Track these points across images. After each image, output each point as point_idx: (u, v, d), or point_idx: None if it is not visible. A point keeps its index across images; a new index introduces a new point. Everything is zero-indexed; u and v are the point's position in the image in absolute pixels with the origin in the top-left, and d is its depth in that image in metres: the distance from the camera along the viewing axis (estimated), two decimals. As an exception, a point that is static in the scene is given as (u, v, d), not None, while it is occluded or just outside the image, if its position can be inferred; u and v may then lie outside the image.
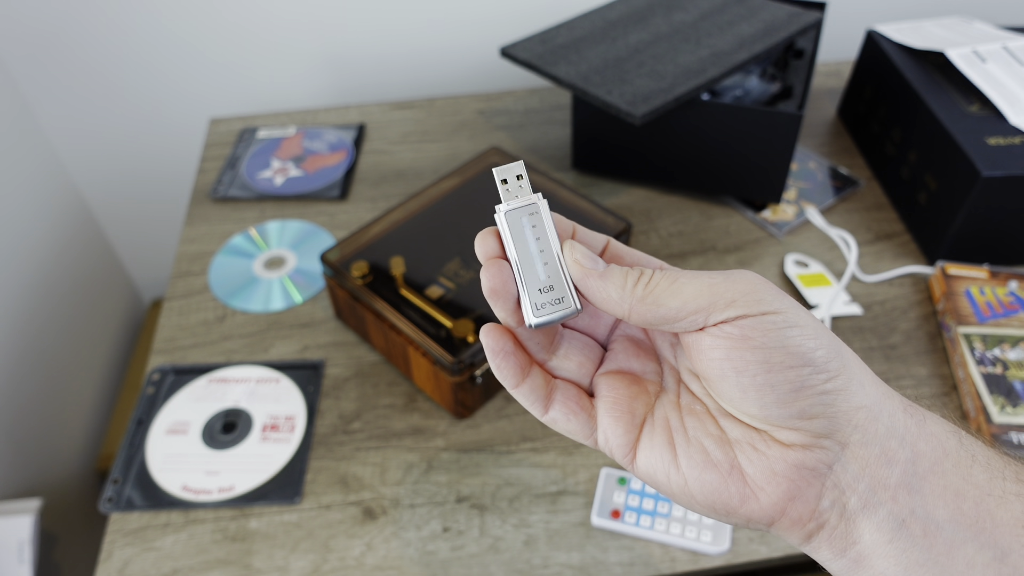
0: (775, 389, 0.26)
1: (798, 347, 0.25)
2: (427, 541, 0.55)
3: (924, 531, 0.25)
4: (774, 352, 0.25)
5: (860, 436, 0.26)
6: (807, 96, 0.76)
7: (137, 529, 0.57)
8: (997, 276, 0.69)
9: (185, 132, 1.07)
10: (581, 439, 0.30)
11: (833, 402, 0.26)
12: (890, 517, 0.26)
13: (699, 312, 0.26)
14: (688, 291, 0.27)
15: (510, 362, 0.29)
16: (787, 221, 0.79)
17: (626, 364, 0.30)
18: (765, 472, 0.26)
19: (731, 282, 0.27)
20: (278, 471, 0.59)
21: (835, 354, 0.26)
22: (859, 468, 0.26)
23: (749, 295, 0.26)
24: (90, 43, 0.97)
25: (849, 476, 0.26)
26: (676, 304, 0.27)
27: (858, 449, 0.26)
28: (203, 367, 0.67)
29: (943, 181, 0.71)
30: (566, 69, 0.74)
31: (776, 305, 0.26)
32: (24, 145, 1.00)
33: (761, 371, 0.26)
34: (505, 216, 0.29)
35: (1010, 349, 0.63)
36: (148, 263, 1.25)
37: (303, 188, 0.84)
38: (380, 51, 1.03)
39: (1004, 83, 0.74)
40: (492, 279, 0.28)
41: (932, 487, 0.26)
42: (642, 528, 0.54)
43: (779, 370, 0.25)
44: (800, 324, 0.26)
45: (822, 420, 0.26)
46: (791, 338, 0.26)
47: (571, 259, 0.28)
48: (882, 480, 0.26)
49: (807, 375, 0.25)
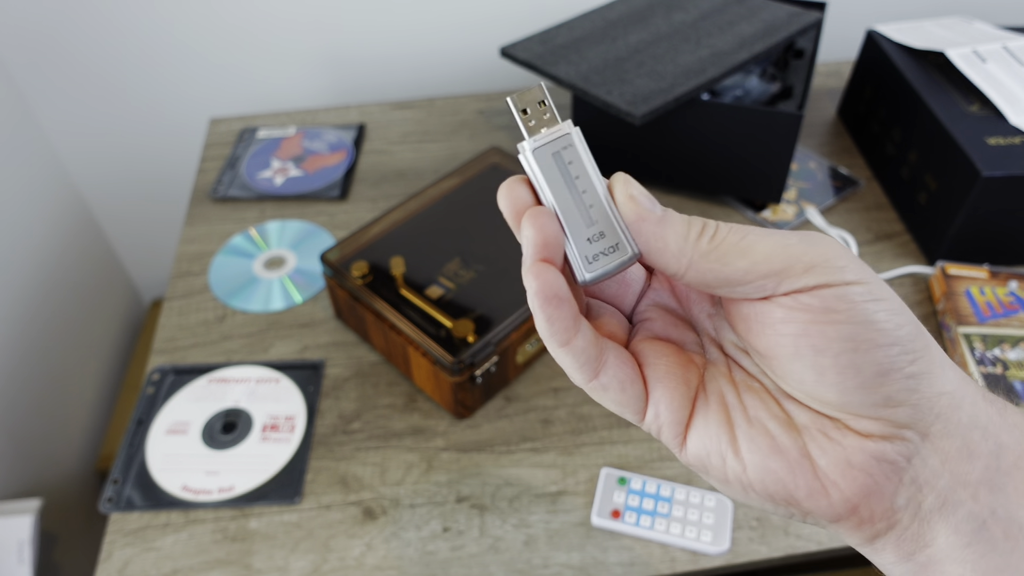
0: (860, 371, 0.22)
1: (886, 323, 0.22)
2: (427, 541, 0.55)
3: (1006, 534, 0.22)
4: (861, 328, 0.22)
5: (942, 426, 0.23)
6: (807, 96, 0.76)
7: (137, 529, 0.56)
8: (997, 276, 0.69)
9: (185, 132, 1.07)
10: (630, 414, 0.25)
11: (917, 387, 0.22)
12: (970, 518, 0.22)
13: (771, 276, 0.22)
14: (760, 250, 0.23)
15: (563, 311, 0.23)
16: (787, 221, 0.79)
17: (663, 333, 0.26)
18: (840, 464, 0.22)
19: (809, 244, 0.23)
20: (278, 471, 0.59)
21: (918, 331, 0.22)
22: (939, 462, 0.23)
23: (830, 261, 0.22)
24: (90, 43, 0.97)
25: (928, 471, 0.23)
26: (744, 264, 0.22)
27: (939, 441, 0.23)
28: (203, 367, 0.67)
29: (943, 181, 0.71)
30: (566, 69, 0.74)
31: (861, 275, 0.22)
32: (24, 145, 1.00)
33: (846, 350, 0.22)
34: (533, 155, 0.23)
35: (1010, 349, 0.63)
36: (148, 263, 1.25)
37: (303, 188, 0.84)
38: (380, 51, 1.03)
39: (1004, 83, 0.74)
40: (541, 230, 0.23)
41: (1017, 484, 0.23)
42: (642, 528, 0.54)
43: (866, 349, 0.22)
44: (886, 297, 0.22)
45: (906, 408, 0.22)
46: (879, 312, 0.22)
47: (625, 196, 0.24)
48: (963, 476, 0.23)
49: (895, 355, 0.22)
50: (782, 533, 0.55)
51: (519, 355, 0.63)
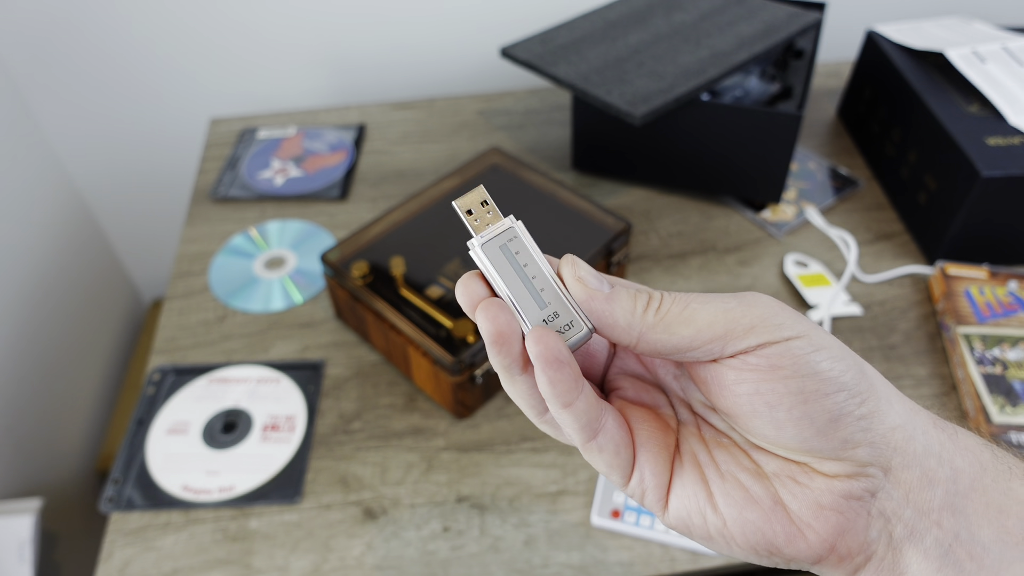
0: (814, 421, 0.23)
1: (829, 372, 0.23)
2: (427, 541, 0.55)
3: (970, 555, 0.24)
4: (807, 380, 0.23)
5: (900, 459, 0.24)
6: (807, 96, 0.76)
7: (137, 529, 0.57)
8: (997, 276, 0.69)
9: (185, 132, 1.07)
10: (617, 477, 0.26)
11: (870, 426, 0.24)
12: (936, 544, 0.24)
13: (715, 340, 0.24)
14: (702, 317, 0.24)
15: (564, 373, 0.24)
16: (787, 221, 0.79)
17: (636, 398, 0.28)
18: (811, 506, 0.24)
19: (747, 306, 0.24)
20: (278, 471, 0.59)
21: (860, 374, 0.24)
22: (903, 494, 0.24)
23: (768, 320, 0.24)
24: (90, 43, 0.97)
25: (894, 503, 0.24)
26: (690, 332, 0.24)
27: (900, 473, 0.24)
28: (203, 367, 0.67)
29: (943, 181, 0.71)
30: (566, 69, 0.74)
31: (799, 328, 0.24)
32: (24, 146, 1.00)
33: (797, 403, 0.23)
34: (482, 249, 0.25)
35: (1009, 349, 0.63)
36: (148, 263, 1.25)
37: (303, 188, 0.84)
38: (380, 51, 1.03)
39: (1004, 83, 0.74)
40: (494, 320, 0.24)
41: (975, 506, 0.24)
42: (642, 528, 0.54)
43: (815, 399, 0.23)
44: (825, 346, 0.24)
45: (864, 447, 0.24)
46: (821, 363, 0.23)
47: (573, 278, 0.25)
48: (925, 504, 0.24)
49: (843, 401, 0.23)
50: (782, 533, 0.55)
51: (519, 355, 0.63)
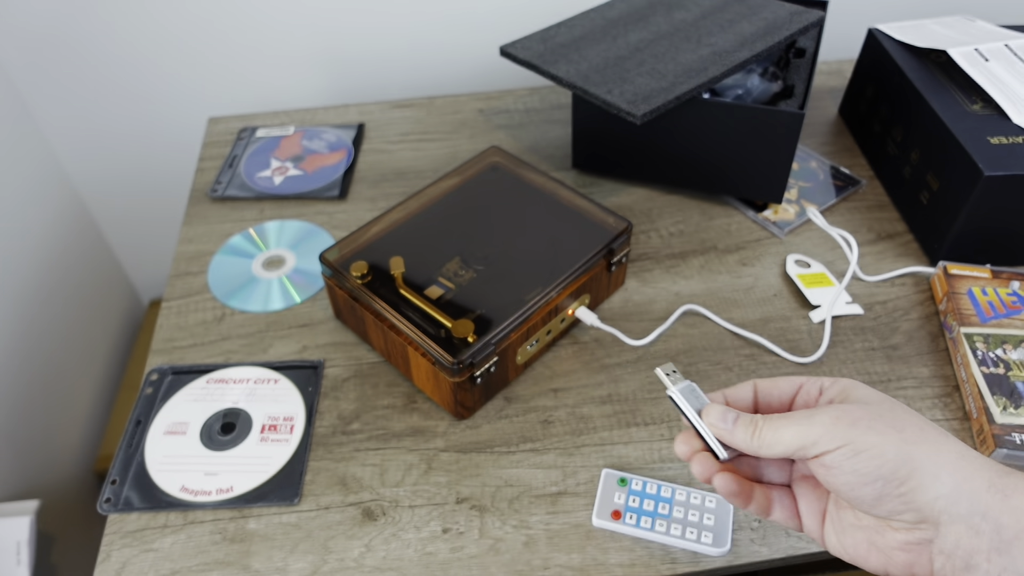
0: (863, 501, 0.36)
1: (865, 468, 0.35)
2: (427, 542, 0.55)
3: None
4: (850, 476, 0.35)
5: (947, 517, 0.34)
6: (808, 95, 0.76)
7: (135, 530, 0.56)
8: (999, 276, 0.69)
9: (183, 131, 1.07)
10: (791, 527, 0.42)
11: (912, 500, 0.34)
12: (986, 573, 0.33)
13: (798, 451, 0.37)
14: (786, 436, 0.37)
15: (740, 499, 0.41)
16: (788, 221, 0.79)
17: (808, 472, 0.41)
18: (890, 546, 0.36)
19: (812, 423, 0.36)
20: (277, 472, 0.59)
21: (903, 463, 0.34)
22: (955, 539, 0.34)
23: (826, 434, 0.36)
24: (88, 42, 0.97)
25: (949, 545, 0.34)
26: (781, 448, 0.37)
27: (949, 526, 0.34)
28: (202, 367, 0.67)
29: (945, 180, 0.71)
30: (566, 68, 0.74)
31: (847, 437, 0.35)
32: (22, 145, 1.00)
33: (847, 489, 0.36)
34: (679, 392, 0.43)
35: (1012, 350, 0.63)
36: (146, 263, 1.24)
37: (302, 188, 0.84)
38: (380, 50, 1.03)
39: (1007, 82, 0.74)
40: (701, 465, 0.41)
41: (1019, 550, 0.33)
42: (642, 529, 0.54)
43: (859, 487, 0.35)
44: (866, 449, 0.35)
45: (910, 512, 0.35)
46: (861, 464, 0.35)
47: (708, 423, 0.41)
48: (975, 547, 0.33)
49: (881, 487, 0.35)
50: (783, 534, 0.54)
51: (519, 355, 0.63)
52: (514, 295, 0.62)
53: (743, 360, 0.66)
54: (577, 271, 0.64)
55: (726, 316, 0.70)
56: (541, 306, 0.62)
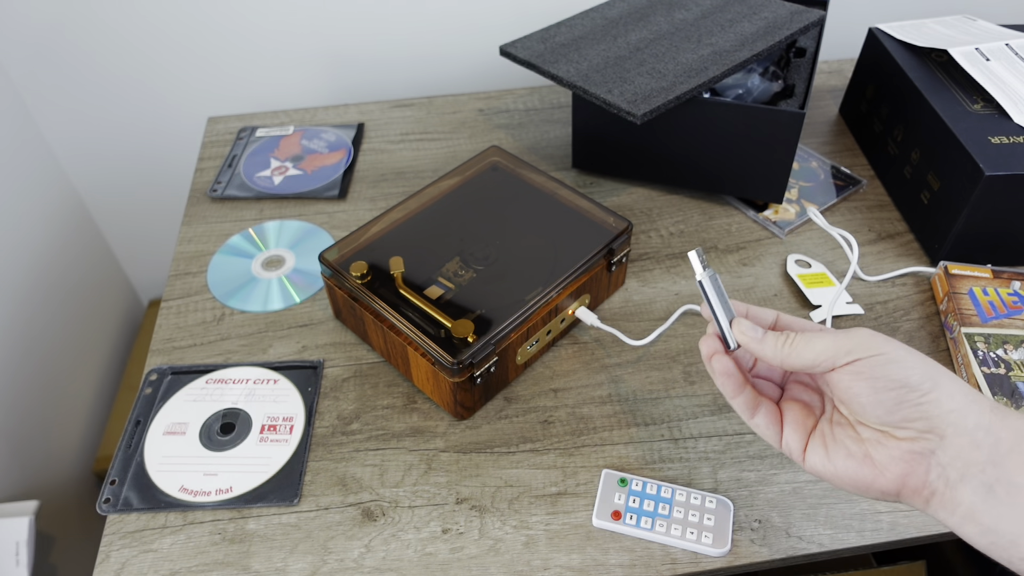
0: (883, 404, 0.39)
1: (895, 375, 0.38)
2: (426, 543, 0.55)
3: (1007, 492, 0.36)
4: (879, 380, 0.39)
5: (953, 430, 0.38)
6: (809, 95, 0.76)
7: (135, 531, 0.56)
8: (1000, 276, 0.69)
9: (183, 131, 1.07)
10: (771, 440, 0.44)
11: (928, 410, 0.38)
12: (981, 484, 0.37)
13: (828, 359, 0.40)
14: (819, 345, 0.40)
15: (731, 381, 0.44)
16: (789, 221, 0.78)
17: (799, 395, 0.46)
18: (888, 457, 0.39)
19: (849, 337, 0.40)
20: (276, 472, 0.59)
21: (927, 377, 0.38)
22: (955, 451, 0.37)
23: (862, 345, 0.39)
24: (87, 42, 0.97)
25: (948, 456, 0.38)
26: (811, 356, 0.41)
27: (953, 438, 0.38)
28: (201, 368, 0.66)
29: (946, 180, 0.70)
30: (566, 68, 0.74)
31: (882, 348, 0.39)
32: (22, 145, 1.00)
33: (869, 394, 0.39)
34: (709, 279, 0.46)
35: (1013, 350, 0.63)
36: (146, 263, 1.24)
37: (302, 187, 0.84)
38: (379, 50, 1.03)
39: (1008, 81, 0.74)
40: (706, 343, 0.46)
41: (1012, 462, 0.37)
42: (642, 529, 0.54)
43: (883, 391, 0.39)
44: (898, 360, 0.39)
45: (922, 421, 0.38)
46: (891, 370, 0.39)
47: (738, 332, 0.44)
48: (973, 458, 0.37)
49: (903, 394, 0.38)
50: (783, 535, 0.54)
51: (519, 355, 0.63)
52: (514, 295, 0.61)
53: (743, 360, 0.66)
54: (577, 271, 0.64)
55: (726, 316, 0.69)
56: (541, 306, 0.62)
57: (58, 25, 0.94)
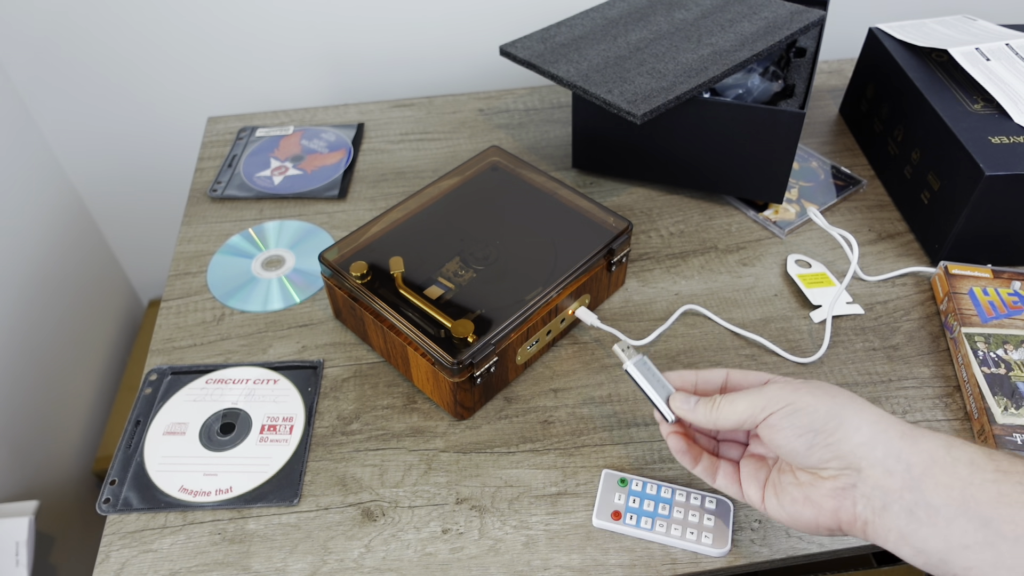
0: (799, 451, 0.42)
1: (801, 422, 0.42)
2: (426, 543, 0.55)
3: (927, 514, 0.38)
4: (789, 430, 0.43)
5: (866, 462, 0.40)
6: (809, 95, 0.76)
7: (134, 531, 0.56)
8: (1000, 276, 0.69)
9: (183, 131, 1.07)
10: (735, 496, 0.48)
11: (838, 448, 0.41)
12: (902, 510, 0.39)
13: (749, 417, 0.44)
14: (740, 406, 0.45)
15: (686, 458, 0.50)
16: (789, 221, 0.78)
17: (755, 448, 0.50)
18: (820, 496, 0.42)
19: (762, 394, 0.44)
20: (276, 472, 0.59)
21: (832, 416, 0.42)
22: (873, 482, 0.40)
23: (773, 399, 0.43)
24: (87, 42, 0.97)
25: (868, 488, 0.40)
26: (735, 417, 0.45)
27: (868, 470, 0.40)
28: (201, 368, 0.66)
29: (946, 180, 0.70)
30: (566, 68, 0.74)
31: (789, 399, 0.43)
32: (21, 145, 1.00)
33: (786, 442, 0.43)
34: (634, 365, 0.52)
35: (1014, 350, 0.63)
36: (146, 263, 1.24)
37: (302, 187, 0.84)
38: (379, 49, 1.03)
39: (1008, 81, 0.74)
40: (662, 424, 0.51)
41: (926, 485, 0.38)
42: (642, 529, 0.54)
43: (795, 439, 0.42)
44: (803, 407, 0.42)
45: (836, 460, 0.41)
46: (797, 419, 0.42)
47: (673, 407, 0.49)
48: (889, 486, 0.39)
49: (812, 438, 0.42)
50: (784, 535, 0.54)
51: (519, 355, 0.63)
52: (514, 295, 0.61)
53: (743, 360, 0.66)
54: (577, 271, 0.64)
55: (726, 316, 0.69)
56: (541, 306, 0.61)
57: (58, 25, 0.94)
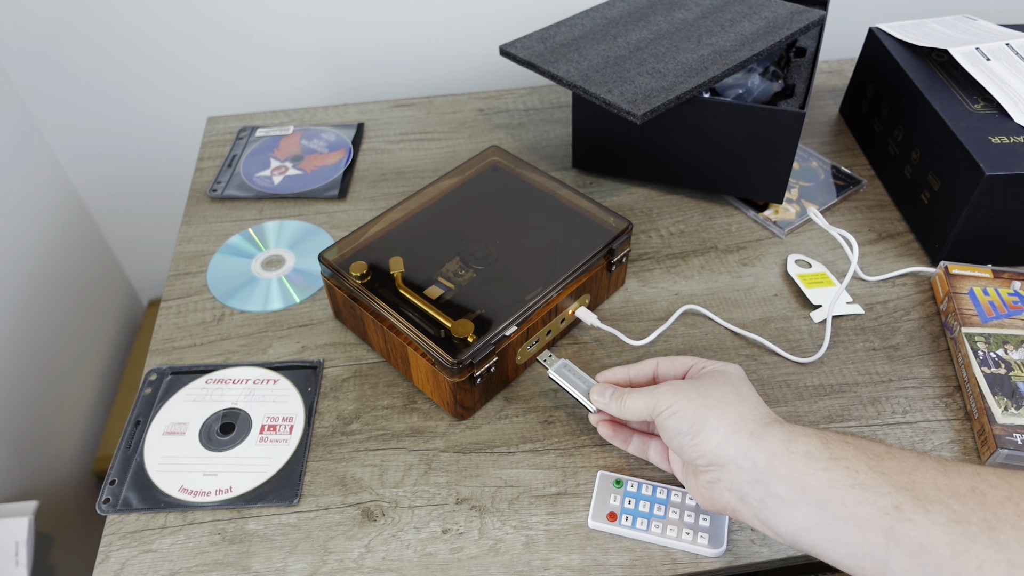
0: (680, 448, 0.48)
1: (673, 425, 0.47)
2: (426, 543, 0.55)
3: (774, 503, 0.43)
4: (666, 431, 0.48)
5: (725, 460, 0.45)
6: (809, 95, 0.76)
7: (134, 531, 0.56)
8: (1001, 276, 0.69)
9: (183, 131, 1.07)
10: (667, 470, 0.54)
11: (701, 450, 0.46)
12: (755, 500, 0.44)
13: (647, 413, 0.50)
14: (640, 403, 0.50)
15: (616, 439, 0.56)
16: (789, 220, 0.78)
17: None
18: (705, 485, 0.47)
19: (653, 394, 0.49)
20: (276, 472, 0.59)
21: (697, 419, 0.46)
22: (731, 477, 0.45)
23: (659, 401, 0.48)
24: (87, 42, 0.97)
25: (728, 482, 0.45)
26: (636, 411, 0.50)
27: (727, 466, 0.45)
28: (201, 368, 0.66)
29: (946, 180, 0.70)
30: (566, 68, 0.73)
31: (668, 402, 0.48)
32: (21, 144, 1.00)
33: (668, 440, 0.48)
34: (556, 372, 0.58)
35: (1014, 350, 0.63)
36: (146, 263, 1.24)
37: (302, 187, 0.84)
38: (379, 49, 1.03)
39: (1008, 81, 0.74)
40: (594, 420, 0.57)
41: (770, 477, 0.43)
42: (638, 531, 0.54)
43: (672, 439, 0.48)
44: (676, 411, 0.47)
45: (702, 458, 0.46)
46: (671, 422, 0.47)
47: (593, 399, 0.55)
48: (742, 480, 0.44)
49: (681, 439, 0.47)
50: (784, 535, 0.54)
51: (519, 355, 0.63)
52: (514, 295, 0.61)
53: (743, 360, 0.66)
54: (577, 271, 0.64)
55: (726, 316, 0.69)
56: (541, 306, 0.61)
57: (58, 25, 0.94)
